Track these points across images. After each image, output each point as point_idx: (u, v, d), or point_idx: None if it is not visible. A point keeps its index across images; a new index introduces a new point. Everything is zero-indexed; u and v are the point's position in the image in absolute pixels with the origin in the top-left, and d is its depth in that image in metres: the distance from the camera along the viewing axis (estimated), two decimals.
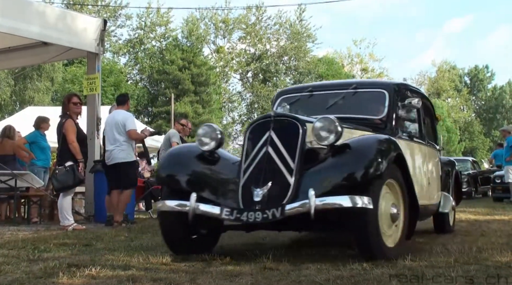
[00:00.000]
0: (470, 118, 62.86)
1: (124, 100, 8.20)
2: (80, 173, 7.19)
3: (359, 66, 59.10)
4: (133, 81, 45.62)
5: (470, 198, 17.54)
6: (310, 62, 50.40)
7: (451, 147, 53.33)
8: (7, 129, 9.36)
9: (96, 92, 9.04)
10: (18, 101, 34.32)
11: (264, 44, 49.67)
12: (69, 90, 30.80)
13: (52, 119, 9.30)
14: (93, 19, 9.49)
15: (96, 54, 9.12)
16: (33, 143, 9.22)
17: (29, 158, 9.15)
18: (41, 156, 9.25)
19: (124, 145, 7.72)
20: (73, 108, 7.47)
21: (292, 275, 3.48)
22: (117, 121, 7.76)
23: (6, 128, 9.39)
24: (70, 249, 4.88)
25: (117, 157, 7.67)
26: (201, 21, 47.78)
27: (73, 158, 7.17)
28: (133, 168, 8.10)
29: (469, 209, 10.98)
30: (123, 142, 7.71)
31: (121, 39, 46.00)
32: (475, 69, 65.42)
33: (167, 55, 41.32)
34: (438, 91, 62.13)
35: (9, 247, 5.03)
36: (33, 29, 8.26)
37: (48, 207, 9.13)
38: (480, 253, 4.37)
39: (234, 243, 5.37)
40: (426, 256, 4.23)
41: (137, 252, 4.47)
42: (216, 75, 45.09)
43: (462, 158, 26.54)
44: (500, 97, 63.12)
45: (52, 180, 7.40)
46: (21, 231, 6.94)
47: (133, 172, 8.02)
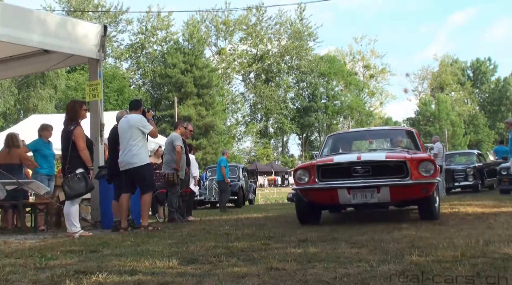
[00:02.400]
0: (474, 111, 62.74)
1: (138, 106, 8.20)
2: (91, 180, 7.21)
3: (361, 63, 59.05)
4: (136, 86, 45.74)
5: (477, 191, 17.50)
6: (312, 61, 50.38)
7: (456, 140, 53.20)
8: (11, 138, 9.31)
9: (99, 98, 9.05)
10: (22, 110, 34.47)
11: (265, 45, 49.75)
12: (73, 97, 30.90)
13: (56, 127, 9.31)
14: (93, 25, 9.51)
15: (97, 60, 9.13)
16: (36, 151, 9.21)
17: (32, 167, 9.15)
18: (44, 164, 9.21)
19: (140, 148, 7.73)
20: (84, 115, 7.51)
21: (298, 274, 3.48)
22: (132, 125, 7.77)
23: (11, 137, 9.35)
24: (77, 256, 4.88)
25: (133, 161, 7.68)
26: (201, 24, 47.91)
27: (83, 165, 7.17)
28: (150, 170, 8.10)
29: (475, 202, 10.95)
30: (138, 145, 7.72)
31: (122, 44, 46.21)
32: (477, 62, 65.29)
33: (168, 58, 41.40)
34: (441, 85, 62.02)
35: (16, 255, 5.03)
36: (34, 37, 8.28)
37: (55, 214, 9.14)
38: (487, 246, 4.36)
39: (240, 244, 5.37)
40: (433, 251, 4.21)
41: (143, 257, 4.47)
42: (218, 77, 45.15)
43: (468, 151, 26.49)
44: (504, 89, 62.94)
45: (64, 188, 7.36)
46: (28, 239, 6.95)
47: (150, 174, 8.03)
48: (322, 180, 7.24)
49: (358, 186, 7.02)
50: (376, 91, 60.95)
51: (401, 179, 6.95)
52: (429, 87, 63.75)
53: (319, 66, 50.73)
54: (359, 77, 59.16)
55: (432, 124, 54.43)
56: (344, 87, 55.95)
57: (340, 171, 7.28)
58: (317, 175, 7.24)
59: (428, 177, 6.94)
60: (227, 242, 5.65)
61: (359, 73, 59.76)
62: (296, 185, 7.52)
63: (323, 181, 7.24)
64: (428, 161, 7.07)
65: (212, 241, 5.81)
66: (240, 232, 6.60)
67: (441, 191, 16.48)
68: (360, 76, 60.11)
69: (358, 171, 7.10)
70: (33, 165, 9.14)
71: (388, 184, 6.94)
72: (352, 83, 56.03)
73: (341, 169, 7.29)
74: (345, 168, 7.25)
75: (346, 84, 55.65)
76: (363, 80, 59.52)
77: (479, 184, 17.91)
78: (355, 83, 56.79)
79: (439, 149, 16.58)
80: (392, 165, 7.14)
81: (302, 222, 7.60)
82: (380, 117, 59.63)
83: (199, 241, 5.81)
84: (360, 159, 7.26)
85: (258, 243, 5.38)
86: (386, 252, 4.26)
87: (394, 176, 7.02)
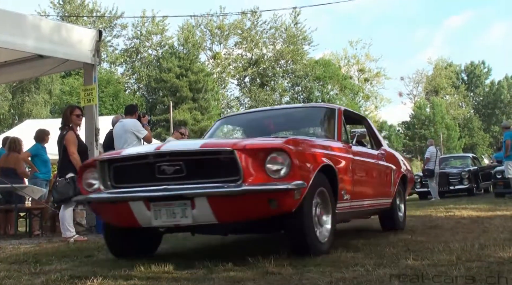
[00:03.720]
0: (469, 115, 62.89)
1: (133, 111, 8.23)
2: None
3: (356, 67, 59.19)
4: (131, 90, 45.70)
5: (472, 195, 17.54)
6: (307, 65, 50.47)
7: (451, 144, 53.33)
8: (14, 142, 9.28)
9: (94, 103, 9.04)
10: (16, 115, 34.36)
11: (260, 49, 49.78)
12: (67, 102, 30.87)
13: (50, 132, 9.31)
14: (88, 31, 9.50)
15: (92, 65, 9.13)
16: (36, 156, 9.22)
17: (32, 171, 9.15)
18: (43, 169, 9.25)
19: None
20: (76, 120, 7.49)
21: (294, 279, 3.48)
22: (127, 129, 7.78)
23: (13, 141, 9.31)
24: (72, 261, 4.87)
25: None
26: (196, 28, 47.91)
27: (74, 169, 7.17)
28: None
29: (470, 206, 10.98)
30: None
31: (117, 49, 46.15)
32: (471, 65, 65.48)
33: (164, 63, 41.38)
34: (436, 89, 62.21)
35: (10, 261, 5.02)
36: (29, 42, 8.27)
37: (50, 219, 9.12)
38: (482, 250, 4.37)
39: (236, 248, 5.37)
40: (429, 255, 4.22)
41: (139, 261, 4.45)
42: (213, 82, 45.15)
43: (463, 155, 26.57)
44: (498, 92, 63.14)
45: (52, 192, 7.39)
46: (23, 244, 6.93)
47: None
48: (116, 185, 4.52)
49: (160, 196, 4.19)
50: (371, 95, 61.07)
51: (228, 184, 4.09)
52: (424, 91, 63.93)
53: (314, 70, 50.81)
54: (354, 81, 59.31)
55: (427, 127, 54.51)
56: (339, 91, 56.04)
57: (138, 170, 4.47)
58: (108, 177, 4.52)
59: (277, 180, 4.09)
60: (222, 246, 5.65)
61: (354, 77, 59.89)
62: (84, 194, 4.72)
63: (116, 187, 4.51)
64: (280, 150, 4.12)
65: (207, 244, 5.80)
66: (236, 235, 6.59)
67: (434, 195, 16.56)
68: (355, 80, 60.27)
69: (165, 171, 4.24)
70: (32, 170, 9.15)
71: (205, 193, 4.08)
72: (347, 87, 56.11)
73: (137, 167, 4.48)
74: (141, 167, 4.43)
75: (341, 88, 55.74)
76: (358, 84, 59.64)
77: (474, 188, 17.98)
78: (350, 87, 56.89)
79: (432, 153, 16.65)
80: (213, 160, 4.27)
81: (116, 254, 4.94)
82: (375, 121, 59.74)
83: (195, 245, 5.81)
84: (160, 149, 4.38)
85: (253, 247, 5.38)
86: (382, 256, 4.26)
87: (218, 178, 4.17)
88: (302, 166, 4.22)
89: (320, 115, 6.29)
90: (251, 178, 4.06)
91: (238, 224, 4.51)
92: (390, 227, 6.67)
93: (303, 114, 6.64)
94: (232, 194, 4.02)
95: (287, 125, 6.64)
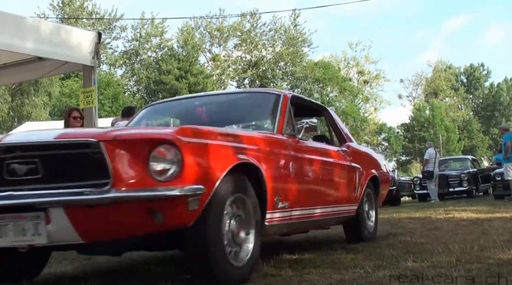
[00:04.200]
0: (469, 117, 62.92)
1: (131, 113, 8.20)
2: None
3: (355, 69, 59.22)
4: (130, 92, 45.67)
5: (471, 197, 17.55)
6: (307, 67, 50.49)
7: (450, 146, 53.36)
8: None
9: (93, 105, 9.03)
10: (16, 117, 34.37)
11: (260, 51, 49.77)
12: (67, 104, 30.86)
13: None
14: (87, 33, 9.50)
15: (91, 67, 9.11)
16: None
17: None
18: None
19: None
20: (73, 122, 7.47)
21: (294, 280, 3.48)
22: None
23: None
24: (71, 263, 4.87)
25: None
26: (196, 30, 47.89)
27: None
28: None
29: (470, 208, 10.98)
30: None
31: (116, 51, 46.12)
32: (470, 67, 65.55)
33: (163, 65, 41.39)
34: (435, 91, 62.24)
35: None
36: (28, 45, 8.25)
37: None
38: (482, 252, 4.36)
39: None
40: (428, 256, 4.22)
41: (139, 263, 4.46)
42: (213, 84, 45.13)
43: (462, 157, 26.60)
44: (498, 94, 63.20)
45: None
46: None
47: None
48: None
49: (3, 205, 3.03)
50: (371, 97, 61.07)
51: (92, 189, 2.95)
52: (423, 93, 63.96)
53: (314, 72, 50.83)
54: (353, 83, 59.32)
55: (426, 130, 54.55)
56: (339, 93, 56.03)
57: None
58: None
59: (164, 184, 2.94)
60: None
61: (353, 79, 59.91)
62: None
63: None
64: (168, 143, 2.98)
65: None
66: None
67: (434, 197, 16.57)
68: (355, 82, 60.28)
69: (16, 171, 3.08)
70: None
71: (61, 202, 2.96)
72: (346, 89, 56.10)
73: None
74: None
75: (340, 90, 55.75)
76: (357, 86, 59.65)
77: (474, 190, 18.00)
78: (350, 89, 56.89)
79: (430, 154, 16.67)
80: (75, 156, 3.09)
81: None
82: (375, 123, 59.76)
83: None
84: (2, 141, 3.19)
85: None
86: (382, 258, 4.26)
87: (82, 182, 3.02)
88: (202, 164, 3.10)
89: (261, 102, 5.10)
90: (126, 181, 2.93)
91: (125, 242, 3.32)
92: (356, 238, 5.66)
93: (241, 102, 5.37)
94: (95, 204, 2.90)
95: (222, 115, 5.21)
